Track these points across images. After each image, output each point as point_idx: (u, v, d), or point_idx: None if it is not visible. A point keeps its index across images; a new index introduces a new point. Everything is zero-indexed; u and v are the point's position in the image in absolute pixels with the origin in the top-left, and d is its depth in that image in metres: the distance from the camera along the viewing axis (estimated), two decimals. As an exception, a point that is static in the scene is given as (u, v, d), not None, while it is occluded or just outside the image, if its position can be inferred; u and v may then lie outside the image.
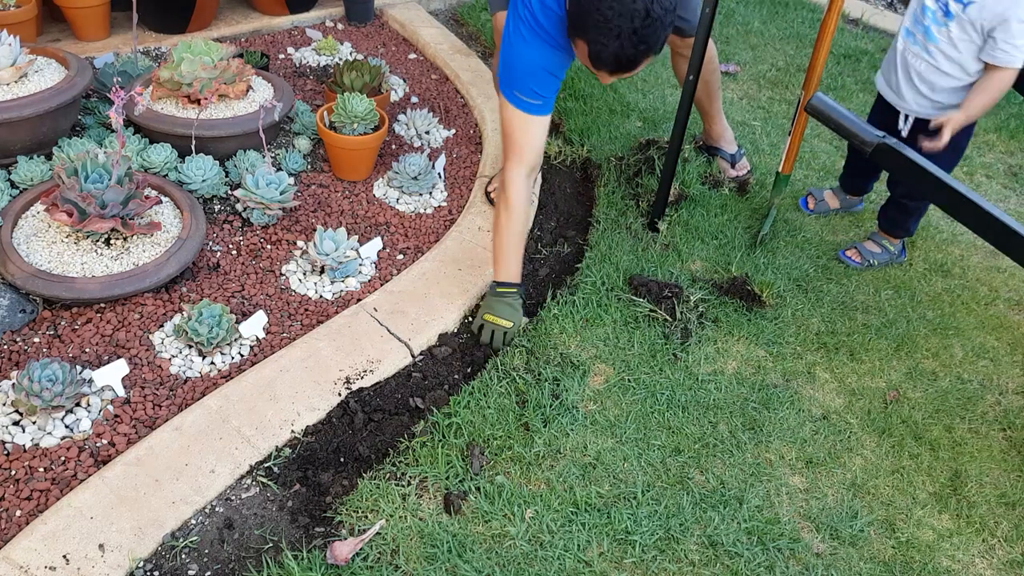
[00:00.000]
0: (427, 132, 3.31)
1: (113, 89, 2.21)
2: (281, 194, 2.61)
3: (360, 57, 3.78)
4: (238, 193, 2.62)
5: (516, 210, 2.36)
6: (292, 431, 2.05)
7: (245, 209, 2.67)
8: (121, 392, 2.07)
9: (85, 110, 2.95)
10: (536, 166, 2.41)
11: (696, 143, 3.43)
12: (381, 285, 2.54)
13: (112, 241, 2.36)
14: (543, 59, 2.24)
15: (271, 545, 1.82)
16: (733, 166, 3.31)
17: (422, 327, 2.39)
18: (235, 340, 2.27)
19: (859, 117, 2.25)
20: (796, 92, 3.97)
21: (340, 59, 3.79)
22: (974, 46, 2.39)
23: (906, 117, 2.63)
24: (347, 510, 1.91)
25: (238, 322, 2.30)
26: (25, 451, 1.91)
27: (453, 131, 3.39)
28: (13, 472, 1.86)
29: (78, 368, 2.06)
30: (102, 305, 2.28)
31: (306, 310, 2.43)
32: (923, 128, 2.53)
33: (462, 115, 3.53)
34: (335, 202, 2.85)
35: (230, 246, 2.59)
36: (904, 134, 2.64)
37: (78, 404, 2.02)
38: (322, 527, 1.88)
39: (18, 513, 1.79)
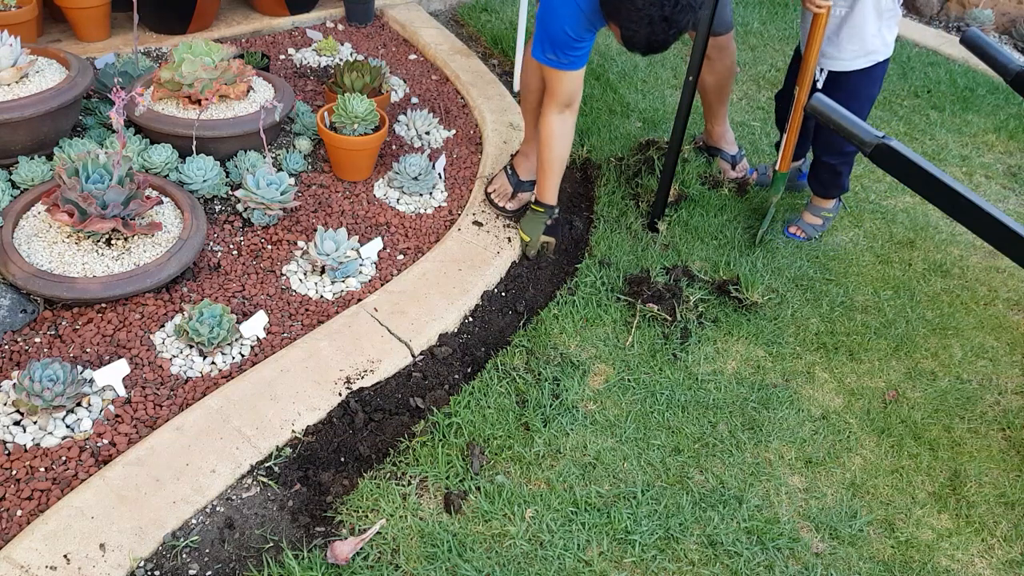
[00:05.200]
0: (427, 133, 3.32)
1: (114, 89, 2.21)
2: (282, 194, 2.62)
3: (360, 58, 3.79)
4: (239, 193, 2.62)
5: (544, 142, 2.63)
6: (293, 431, 2.06)
7: (246, 209, 2.67)
8: (122, 392, 2.08)
9: (86, 110, 2.95)
10: (569, 104, 2.59)
11: (696, 143, 3.43)
12: (381, 285, 2.55)
13: (113, 241, 2.37)
14: (576, 30, 2.37)
15: (272, 545, 1.83)
16: (733, 167, 3.32)
17: (422, 327, 2.40)
18: (236, 340, 2.27)
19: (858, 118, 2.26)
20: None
21: (340, 60, 3.79)
22: None
23: (821, 70, 2.76)
24: (347, 510, 1.91)
25: (239, 322, 2.31)
26: (26, 451, 1.91)
27: (453, 132, 3.39)
28: (14, 472, 1.86)
29: (79, 368, 2.06)
30: (103, 305, 2.29)
31: (307, 310, 2.43)
32: (834, 80, 2.73)
33: (462, 116, 3.53)
34: (336, 202, 2.85)
35: (231, 246, 2.59)
36: (819, 85, 2.76)
37: (79, 404, 2.03)
38: (323, 527, 1.88)
39: (19, 513, 1.80)
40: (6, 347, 2.15)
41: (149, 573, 1.73)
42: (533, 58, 2.55)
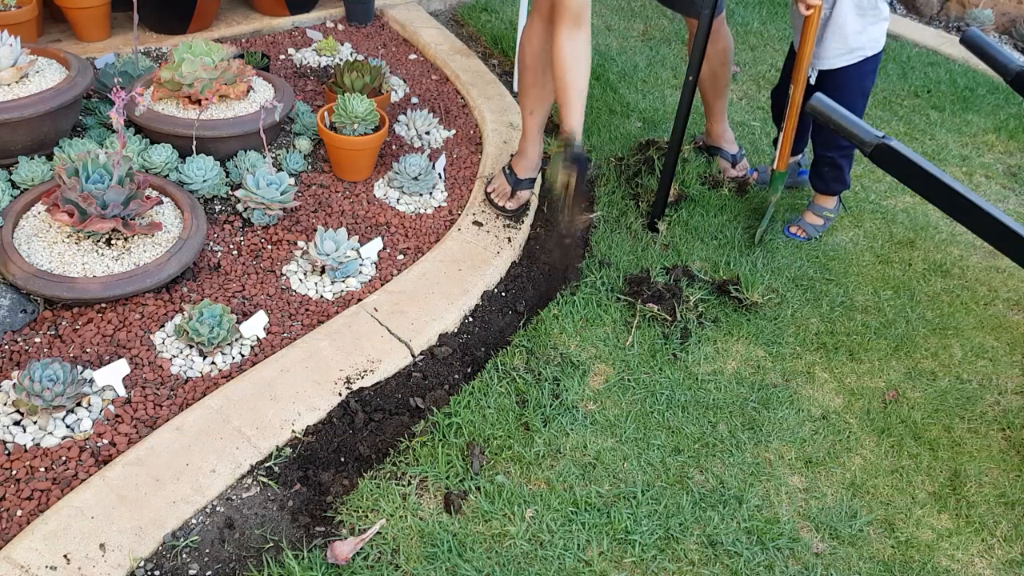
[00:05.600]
0: (427, 133, 3.32)
1: (114, 89, 2.21)
2: (282, 194, 2.62)
3: (360, 58, 3.79)
4: (239, 193, 2.62)
5: (558, 68, 2.52)
6: (293, 431, 2.06)
7: (246, 209, 2.67)
8: (122, 392, 2.08)
9: (86, 110, 2.95)
10: (577, 20, 2.49)
11: (696, 143, 3.43)
12: (381, 285, 2.55)
13: (113, 241, 2.37)
14: None
15: (272, 545, 1.83)
16: (734, 166, 3.32)
17: (422, 327, 2.40)
18: (236, 340, 2.27)
19: (858, 117, 2.26)
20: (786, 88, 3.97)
21: (340, 60, 3.79)
22: None
23: (812, 69, 2.80)
24: (347, 510, 1.91)
25: (239, 322, 2.31)
26: (26, 451, 1.91)
27: (453, 132, 3.39)
28: (14, 472, 1.86)
29: (79, 368, 2.06)
30: (103, 305, 2.29)
31: (307, 310, 2.43)
32: (824, 77, 2.78)
33: (462, 116, 3.53)
34: (336, 202, 2.85)
35: (231, 246, 2.59)
36: (812, 82, 2.81)
37: (79, 404, 2.03)
38: (323, 527, 1.88)
39: (19, 513, 1.80)
40: (6, 347, 2.15)
41: (149, 573, 1.73)
42: None
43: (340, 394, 2.17)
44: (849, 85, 2.76)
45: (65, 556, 1.70)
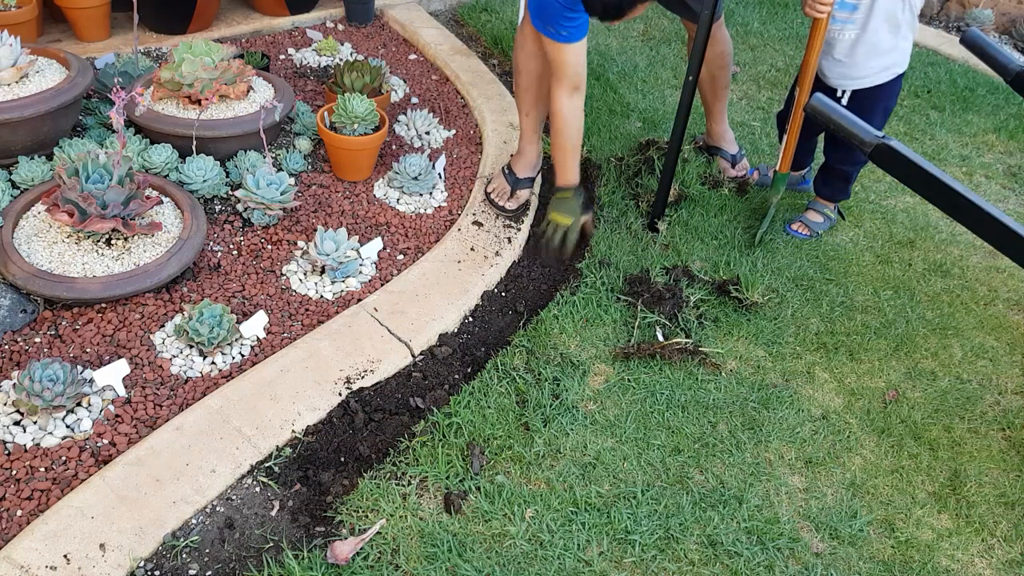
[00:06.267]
0: (427, 133, 3.32)
1: (114, 89, 2.21)
2: (282, 194, 2.62)
3: (360, 58, 3.79)
4: (239, 193, 2.62)
5: (558, 128, 2.67)
6: (293, 431, 2.06)
7: (246, 209, 2.67)
8: (122, 392, 2.08)
9: (86, 110, 2.95)
10: (576, 86, 2.63)
11: (696, 143, 3.43)
12: (381, 285, 2.55)
13: (113, 241, 2.37)
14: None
15: (272, 545, 1.83)
16: (733, 166, 3.32)
17: (422, 327, 2.40)
18: (236, 340, 2.27)
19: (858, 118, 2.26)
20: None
21: (340, 60, 3.79)
22: None
23: (843, 92, 2.78)
24: (347, 510, 1.91)
25: (239, 322, 2.31)
26: (26, 451, 1.91)
27: (453, 132, 3.39)
28: (14, 472, 1.86)
29: (79, 368, 2.06)
30: (103, 305, 2.29)
31: (307, 310, 2.43)
32: (854, 95, 2.76)
33: (462, 116, 3.53)
34: (336, 202, 2.85)
35: (231, 246, 2.59)
36: (844, 102, 2.78)
37: (79, 404, 2.03)
38: (323, 527, 1.88)
39: (19, 513, 1.80)
40: (6, 347, 2.15)
41: (149, 573, 1.73)
42: (537, 30, 2.57)
43: (340, 394, 2.17)
44: (879, 103, 2.75)
45: (65, 556, 1.70)
